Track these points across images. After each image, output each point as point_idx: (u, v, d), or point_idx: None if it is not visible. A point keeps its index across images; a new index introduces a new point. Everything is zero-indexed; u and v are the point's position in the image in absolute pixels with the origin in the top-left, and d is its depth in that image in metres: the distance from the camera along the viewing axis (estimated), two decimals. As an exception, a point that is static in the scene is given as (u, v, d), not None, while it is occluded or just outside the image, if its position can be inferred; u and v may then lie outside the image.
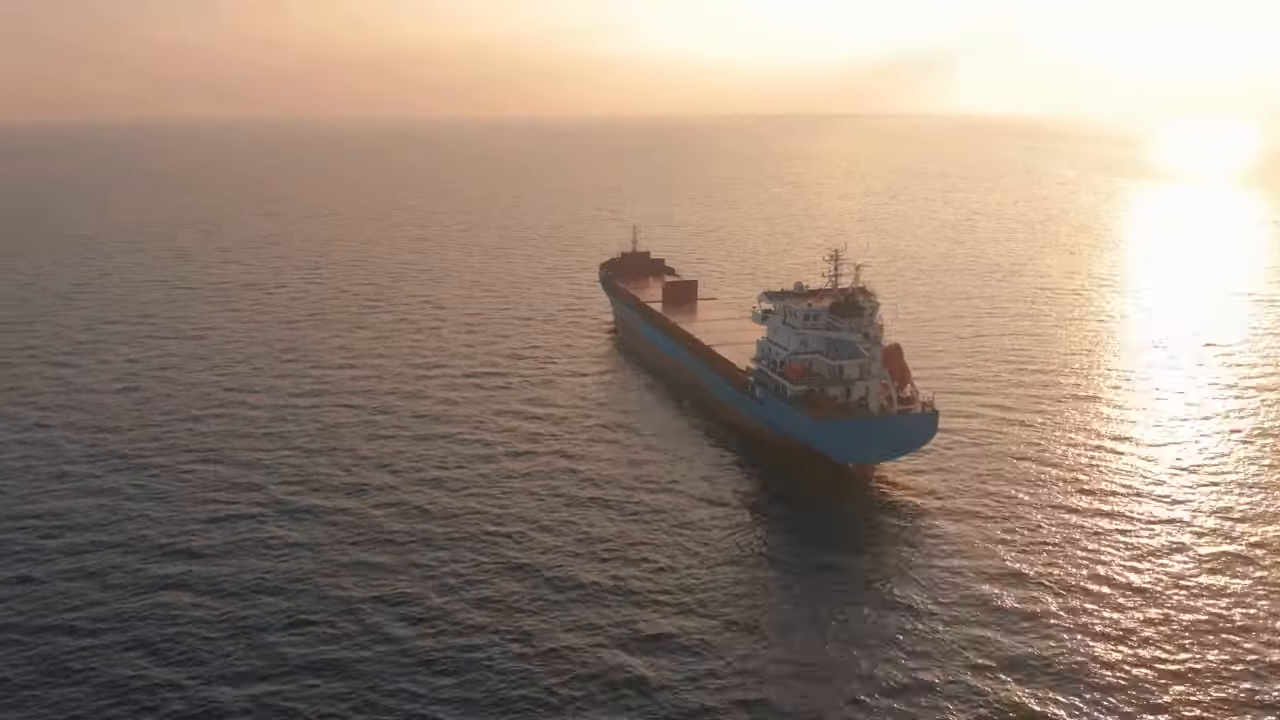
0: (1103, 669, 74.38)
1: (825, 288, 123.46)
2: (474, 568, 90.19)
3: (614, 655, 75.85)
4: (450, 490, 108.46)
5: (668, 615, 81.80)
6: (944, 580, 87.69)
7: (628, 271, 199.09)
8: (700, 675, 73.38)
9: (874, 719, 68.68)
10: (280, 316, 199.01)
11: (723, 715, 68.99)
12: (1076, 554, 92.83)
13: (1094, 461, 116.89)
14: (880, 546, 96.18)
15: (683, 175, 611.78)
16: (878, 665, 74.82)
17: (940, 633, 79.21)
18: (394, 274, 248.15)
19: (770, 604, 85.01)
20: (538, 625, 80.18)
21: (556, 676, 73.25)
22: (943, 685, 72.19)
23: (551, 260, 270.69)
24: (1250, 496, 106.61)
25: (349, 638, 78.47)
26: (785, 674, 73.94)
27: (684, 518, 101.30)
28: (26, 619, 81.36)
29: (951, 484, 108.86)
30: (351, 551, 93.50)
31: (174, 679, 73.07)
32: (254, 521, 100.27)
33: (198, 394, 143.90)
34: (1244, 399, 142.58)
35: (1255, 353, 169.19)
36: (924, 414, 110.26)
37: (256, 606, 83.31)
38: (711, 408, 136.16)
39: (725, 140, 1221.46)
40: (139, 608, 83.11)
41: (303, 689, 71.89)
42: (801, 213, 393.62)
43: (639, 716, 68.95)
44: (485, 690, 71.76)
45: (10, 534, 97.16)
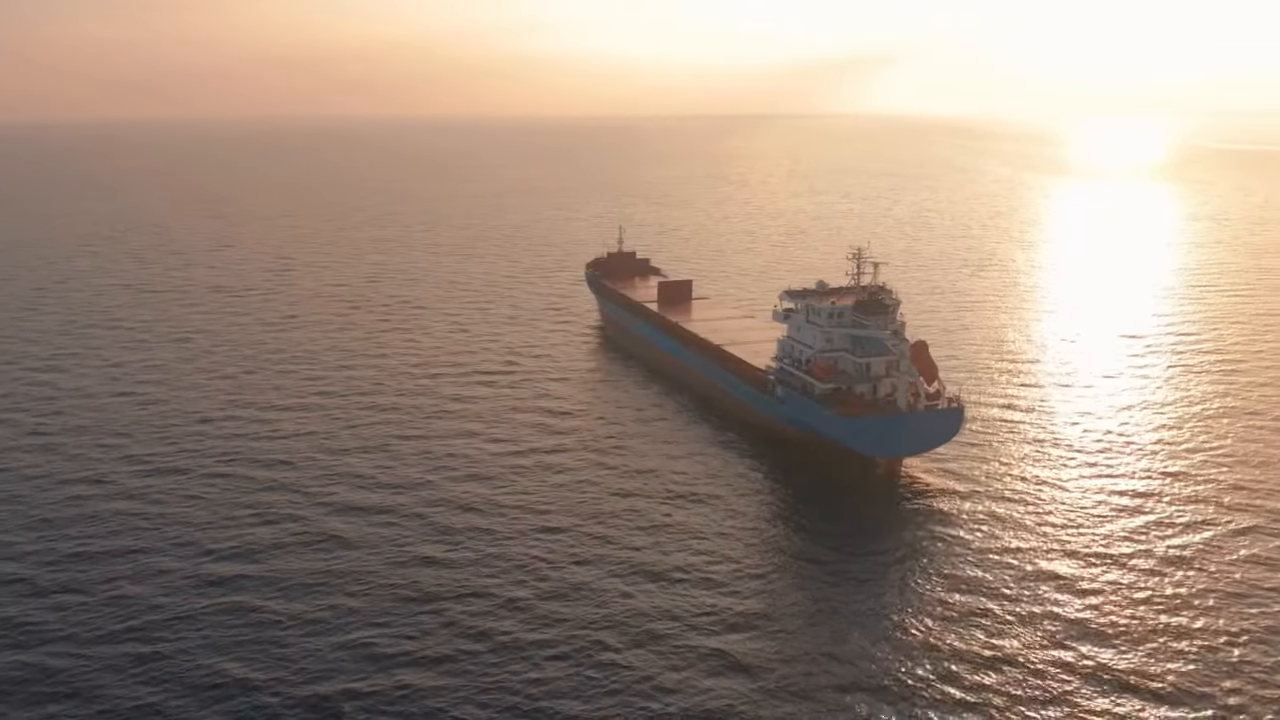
0: (1139, 654, 77.29)
1: (847, 285, 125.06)
2: (539, 561, 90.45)
3: (712, 640, 76.99)
4: (492, 486, 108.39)
5: (743, 599, 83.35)
6: (981, 568, 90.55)
7: (615, 271, 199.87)
8: (792, 658, 74.97)
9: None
10: (258, 319, 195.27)
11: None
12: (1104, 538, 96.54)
13: (1109, 447, 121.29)
14: (910, 537, 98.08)
15: (634, 175, 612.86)
16: (921, 655, 77.07)
17: (987, 620, 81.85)
18: (366, 275, 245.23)
19: (811, 595, 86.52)
20: (615, 615, 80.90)
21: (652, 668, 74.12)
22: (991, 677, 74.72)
23: (526, 261, 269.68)
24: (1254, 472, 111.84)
25: (431, 634, 78.21)
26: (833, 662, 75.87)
27: (726, 509, 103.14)
28: (92, 627, 79.39)
29: (974, 475, 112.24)
30: (411, 548, 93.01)
31: (272, 679, 72.19)
32: (300, 522, 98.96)
33: (199, 397, 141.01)
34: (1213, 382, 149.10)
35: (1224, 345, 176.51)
36: (951, 409, 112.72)
37: (331, 606, 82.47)
38: (725, 407, 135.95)
39: (668, 140, 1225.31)
40: (208, 610, 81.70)
41: (401, 685, 71.65)
42: (759, 212, 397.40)
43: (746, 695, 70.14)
44: (580, 680, 72.27)
45: (52, 542, 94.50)
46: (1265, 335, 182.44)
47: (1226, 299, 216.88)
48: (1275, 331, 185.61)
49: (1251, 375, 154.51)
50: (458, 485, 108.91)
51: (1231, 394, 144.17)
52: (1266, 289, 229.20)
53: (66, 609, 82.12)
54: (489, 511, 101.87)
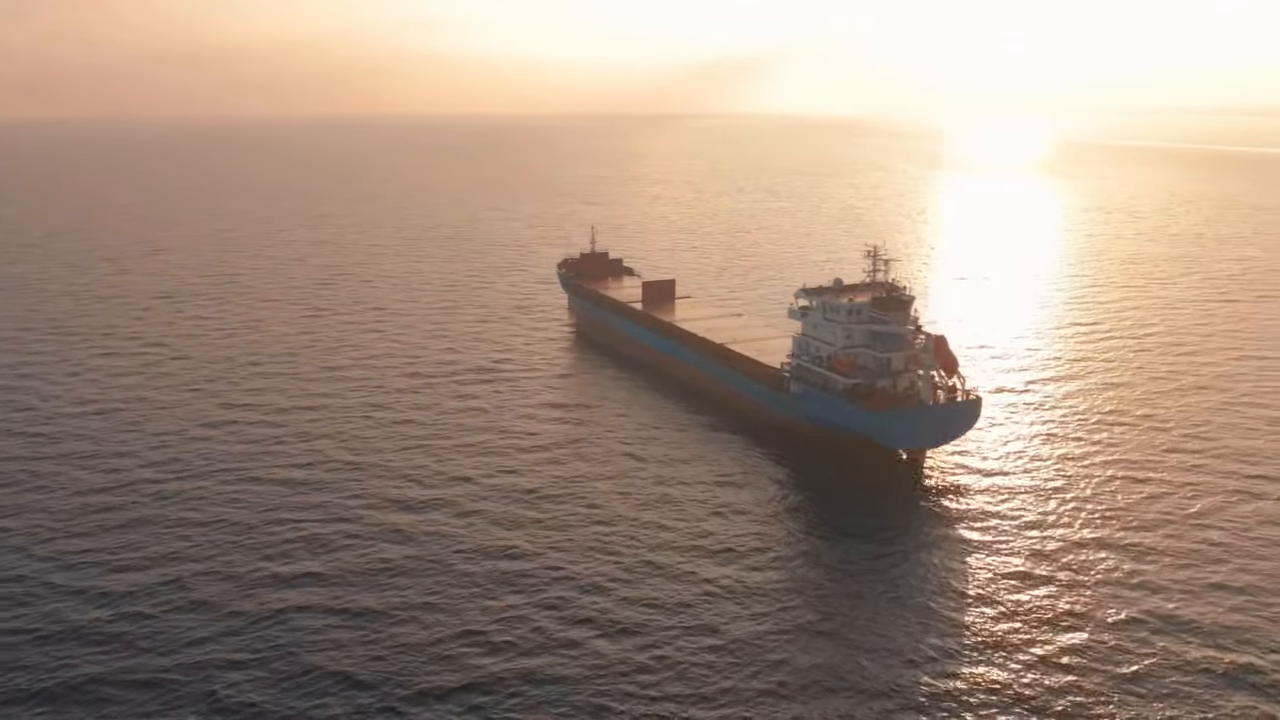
0: (1158, 639, 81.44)
1: (862, 282, 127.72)
2: (609, 565, 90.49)
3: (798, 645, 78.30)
4: (530, 491, 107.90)
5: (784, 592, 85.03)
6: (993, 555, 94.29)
7: (588, 272, 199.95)
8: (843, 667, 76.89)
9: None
10: (214, 326, 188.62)
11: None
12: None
13: (1117, 439, 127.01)
14: (941, 526, 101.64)
15: (555, 175, 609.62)
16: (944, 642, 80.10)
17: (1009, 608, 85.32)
18: (317, 279, 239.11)
19: (843, 588, 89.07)
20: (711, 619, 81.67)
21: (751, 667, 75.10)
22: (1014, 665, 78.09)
23: (478, 261, 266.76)
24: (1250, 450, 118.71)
25: (518, 645, 77.71)
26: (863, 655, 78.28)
27: (761, 502, 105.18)
28: (162, 654, 76.43)
29: (993, 465, 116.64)
30: (472, 559, 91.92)
31: (378, 697, 70.77)
32: (342, 536, 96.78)
33: (188, 411, 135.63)
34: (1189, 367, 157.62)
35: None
36: (970, 401, 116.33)
37: (411, 620, 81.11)
38: (733, 405, 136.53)
39: (573, 140, 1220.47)
40: (282, 632, 79.40)
41: (509, 695, 71.05)
42: (695, 211, 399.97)
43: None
44: (684, 681, 72.84)
45: (80, 568, 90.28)
46: (1220, 323, 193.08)
47: (1133, 289, 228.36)
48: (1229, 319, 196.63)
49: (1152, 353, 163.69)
50: (497, 481, 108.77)
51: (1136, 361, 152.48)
52: (1160, 278, 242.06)
53: (125, 636, 78.93)
54: (534, 504, 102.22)
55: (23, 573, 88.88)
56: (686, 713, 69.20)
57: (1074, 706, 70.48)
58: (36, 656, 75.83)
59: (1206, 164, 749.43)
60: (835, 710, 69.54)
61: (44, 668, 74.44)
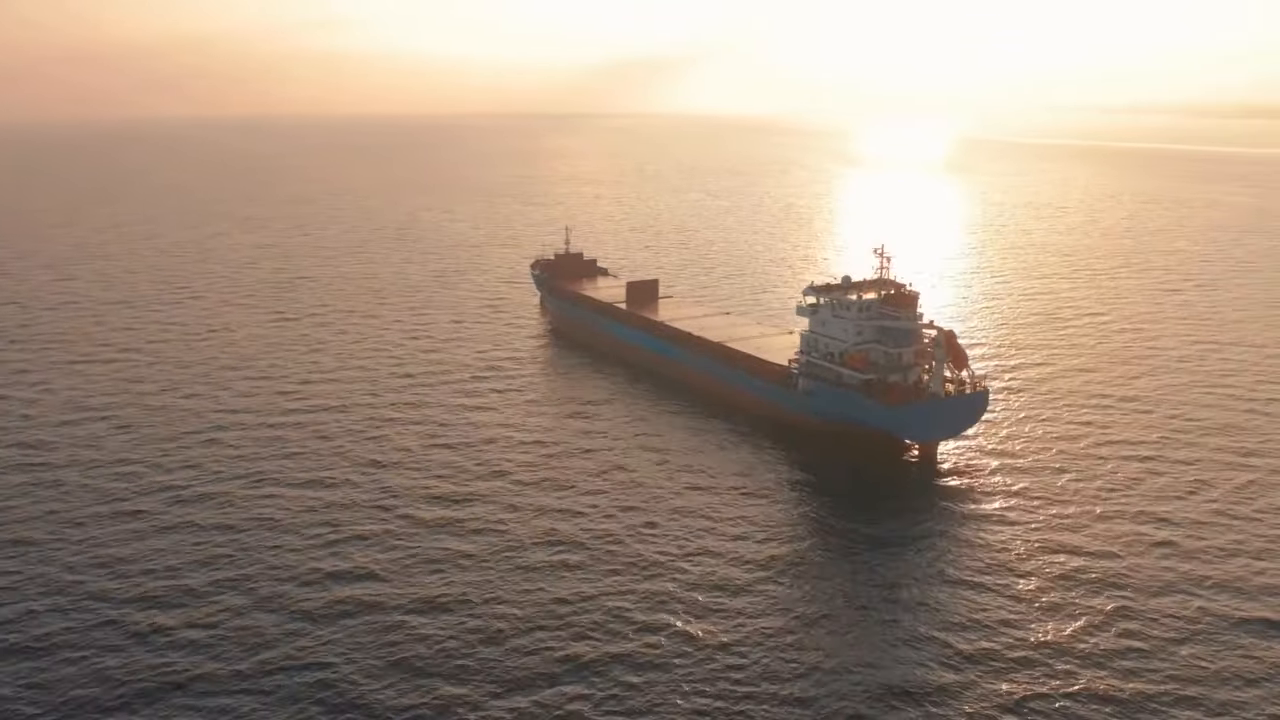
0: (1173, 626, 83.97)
1: (867, 279, 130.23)
2: (645, 555, 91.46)
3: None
4: (550, 491, 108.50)
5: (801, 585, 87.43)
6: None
7: (565, 272, 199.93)
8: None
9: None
10: (184, 332, 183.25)
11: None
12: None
13: (1109, 421, 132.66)
14: (961, 516, 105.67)
15: (477, 174, 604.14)
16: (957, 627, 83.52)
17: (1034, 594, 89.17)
18: (273, 283, 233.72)
19: (868, 579, 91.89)
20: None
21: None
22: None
23: (434, 263, 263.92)
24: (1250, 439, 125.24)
25: (589, 636, 78.37)
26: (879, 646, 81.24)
27: (780, 499, 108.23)
28: (243, 662, 75.25)
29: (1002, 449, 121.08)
30: (523, 555, 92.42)
31: (464, 694, 70.82)
32: (387, 536, 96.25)
33: (184, 417, 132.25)
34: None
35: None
36: (979, 393, 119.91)
37: (478, 615, 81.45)
38: (734, 403, 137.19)
39: (488, 139, 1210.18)
40: (355, 631, 78.62)
41: (594, 688, 71.82)
42: (639, 212, 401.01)
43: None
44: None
45: (136, 579, 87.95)
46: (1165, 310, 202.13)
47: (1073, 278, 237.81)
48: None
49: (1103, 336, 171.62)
50: (519, 488, 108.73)
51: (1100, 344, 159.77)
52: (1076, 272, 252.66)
53: (207, 645, 77.12)
54: (571, 497, 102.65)
55: (67, 585, 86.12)
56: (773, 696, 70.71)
57: (1130, 694, 73.81)
58: (113, 670, 73.90)
59: (1116, 161, 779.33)
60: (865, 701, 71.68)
61: (118, 680, 72.62)
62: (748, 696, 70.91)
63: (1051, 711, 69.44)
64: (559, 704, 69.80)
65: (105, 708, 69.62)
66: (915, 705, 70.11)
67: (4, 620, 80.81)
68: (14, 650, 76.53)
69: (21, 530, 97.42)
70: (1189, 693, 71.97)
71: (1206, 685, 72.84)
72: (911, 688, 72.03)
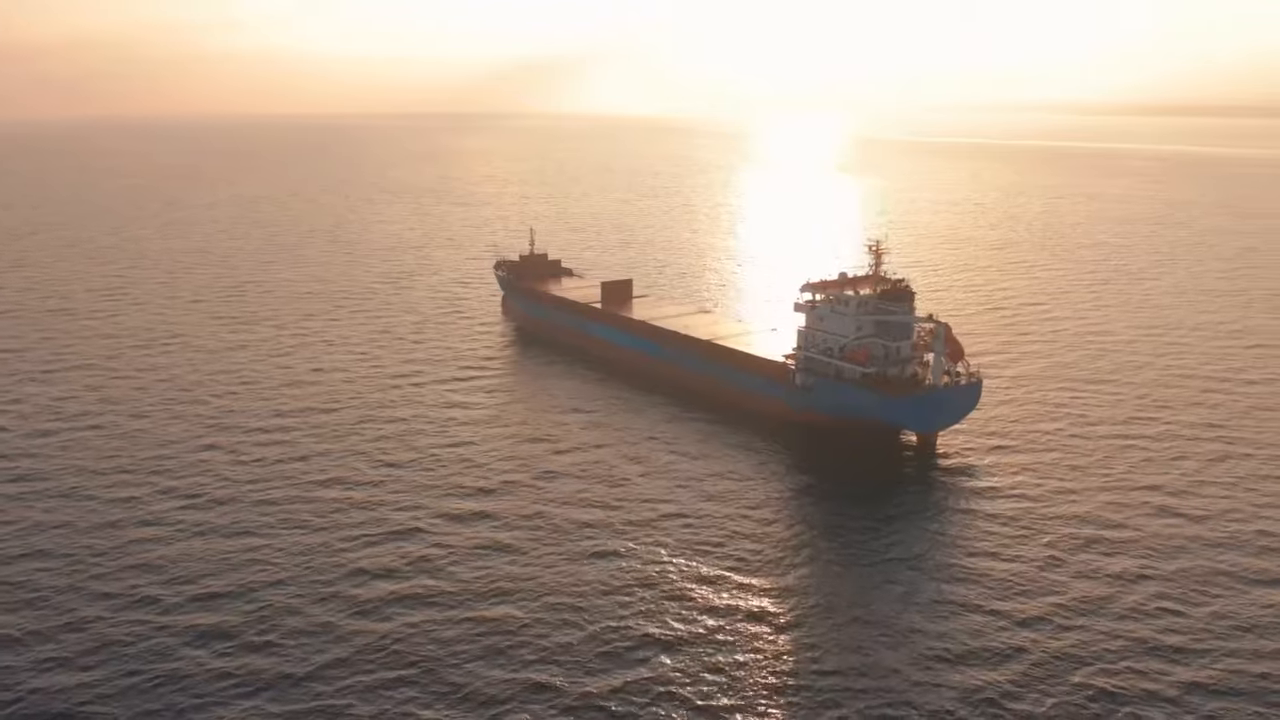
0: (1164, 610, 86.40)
1: (861, 275, 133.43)
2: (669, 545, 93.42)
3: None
4: (557, 492, 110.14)
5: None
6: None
7: (531, 273, 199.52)
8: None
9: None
10: (130, 342, 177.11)
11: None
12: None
13: (1085, 408, 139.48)
14: (964, 500, 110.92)
15: (398, 175, 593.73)
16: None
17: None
18: (220, 290, 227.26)
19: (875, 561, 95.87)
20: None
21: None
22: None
23: (381, 267, 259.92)
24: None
25: (655, 620, 79.93)
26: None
27: (788, 492, 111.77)
28: (318, 665, 74.98)
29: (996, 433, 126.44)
30: (564, 548, 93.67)
31: (550, 681, 72.14)
32: (424, 534, 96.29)
33: (172, 430, 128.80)
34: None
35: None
36: (974, 383, 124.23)
37: (540, 602, 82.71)
38: (727, 400, 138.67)
39: (400, 140, 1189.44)
40: (428, 624, 78.97)
41: (673, 673, 73.65)
42: (574, 212, 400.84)
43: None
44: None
45: (178, 585, 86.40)
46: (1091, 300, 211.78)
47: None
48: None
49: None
50: (535, 487, 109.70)
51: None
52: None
53: (278, 646, 76.46)
54: (599, 505, 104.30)
55: (94, 610, 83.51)
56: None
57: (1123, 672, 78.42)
58: (190, 673, 72.73)
59: (1008, 157, 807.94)
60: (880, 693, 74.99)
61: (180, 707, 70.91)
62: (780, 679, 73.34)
63: (1109, 663, 73.66)
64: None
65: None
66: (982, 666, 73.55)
67: (73, 627, 78.69)
68: (96, 661, 74.28)
69: (48, 542, 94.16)
70: (1229, 644, 77.05)
71: (1238, 638, 78.14)
72: (957, 648, 75.92)
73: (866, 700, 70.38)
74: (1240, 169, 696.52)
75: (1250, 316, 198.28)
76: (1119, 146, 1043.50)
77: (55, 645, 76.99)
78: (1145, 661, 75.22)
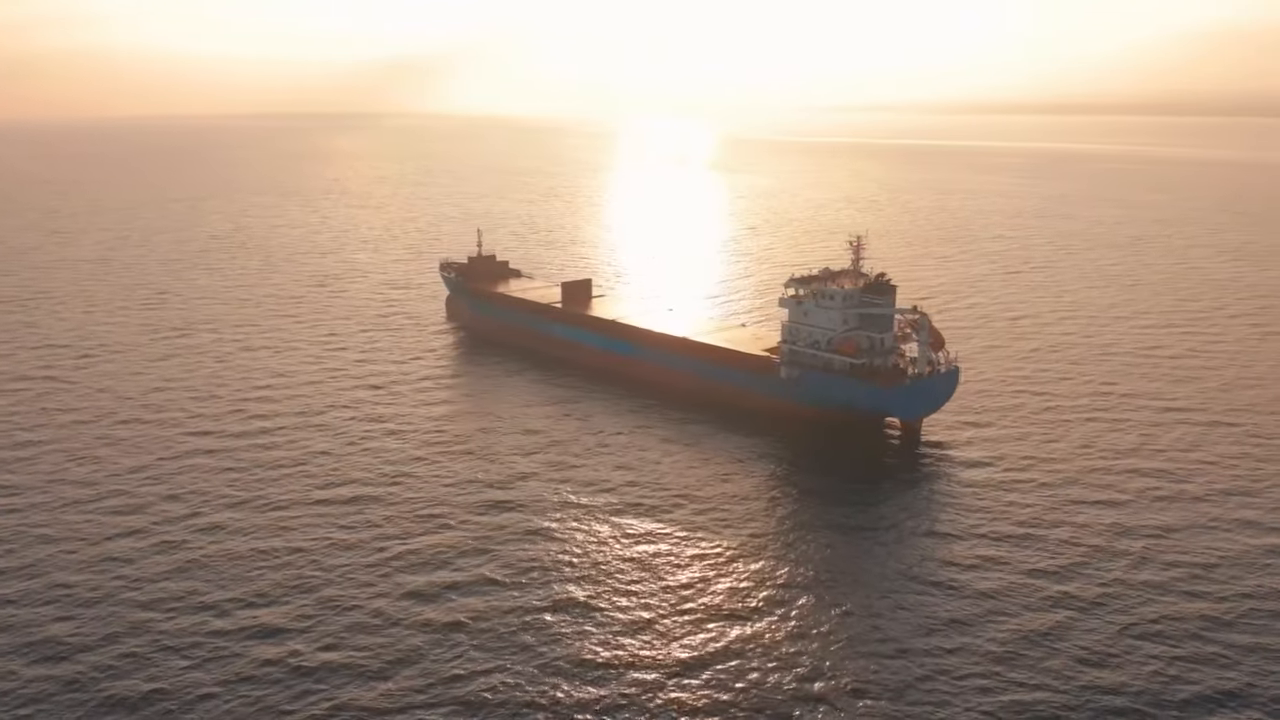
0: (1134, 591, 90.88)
1: (843, 270, 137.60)
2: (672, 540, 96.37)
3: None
4: (575, 484, 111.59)
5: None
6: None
7: (480, 275, 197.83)
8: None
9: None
10: (72, 354, 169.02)
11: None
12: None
13: (1038, 388, 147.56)
14: (953, 482, 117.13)
15: (284, 178, 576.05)
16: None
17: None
18: (138, 300, 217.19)
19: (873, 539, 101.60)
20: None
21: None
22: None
23: (303, 270, 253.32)
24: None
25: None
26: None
27: (785, 485, 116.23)
28: (392, 678, 74.29)
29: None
30: (602, 555, 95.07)
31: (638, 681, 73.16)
32: (456, 543, 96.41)
33: (149, 443, 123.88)
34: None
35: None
36: (953, 370, 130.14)
37: (596, 608, 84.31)
38: (708, 394, 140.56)
39: (276, 140, 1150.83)
40: (491, 634, 79.65)
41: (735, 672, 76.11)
42: (482, 213, 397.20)
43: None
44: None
45: (218, 595, 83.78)
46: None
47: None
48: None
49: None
50: (547, 488, 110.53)
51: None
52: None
53: (348, 665, 75.47)
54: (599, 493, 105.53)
55: (140, 624, 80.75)
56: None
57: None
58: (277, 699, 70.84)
59: (884, 156, 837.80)
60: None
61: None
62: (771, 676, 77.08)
63: (1137, 631, 79.78)
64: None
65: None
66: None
67: (141, 654, 75.53)
68: (159, 693, 71.61)
69: (69, 574, 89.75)
70: (1244, 607, 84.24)
71: (1249, 600, 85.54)
72: (969, 620, 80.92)
73: (871, 677, 74.25)
74: (1108, 164, 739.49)
75: (1144, 299, 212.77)
76: (990, 144, 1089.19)
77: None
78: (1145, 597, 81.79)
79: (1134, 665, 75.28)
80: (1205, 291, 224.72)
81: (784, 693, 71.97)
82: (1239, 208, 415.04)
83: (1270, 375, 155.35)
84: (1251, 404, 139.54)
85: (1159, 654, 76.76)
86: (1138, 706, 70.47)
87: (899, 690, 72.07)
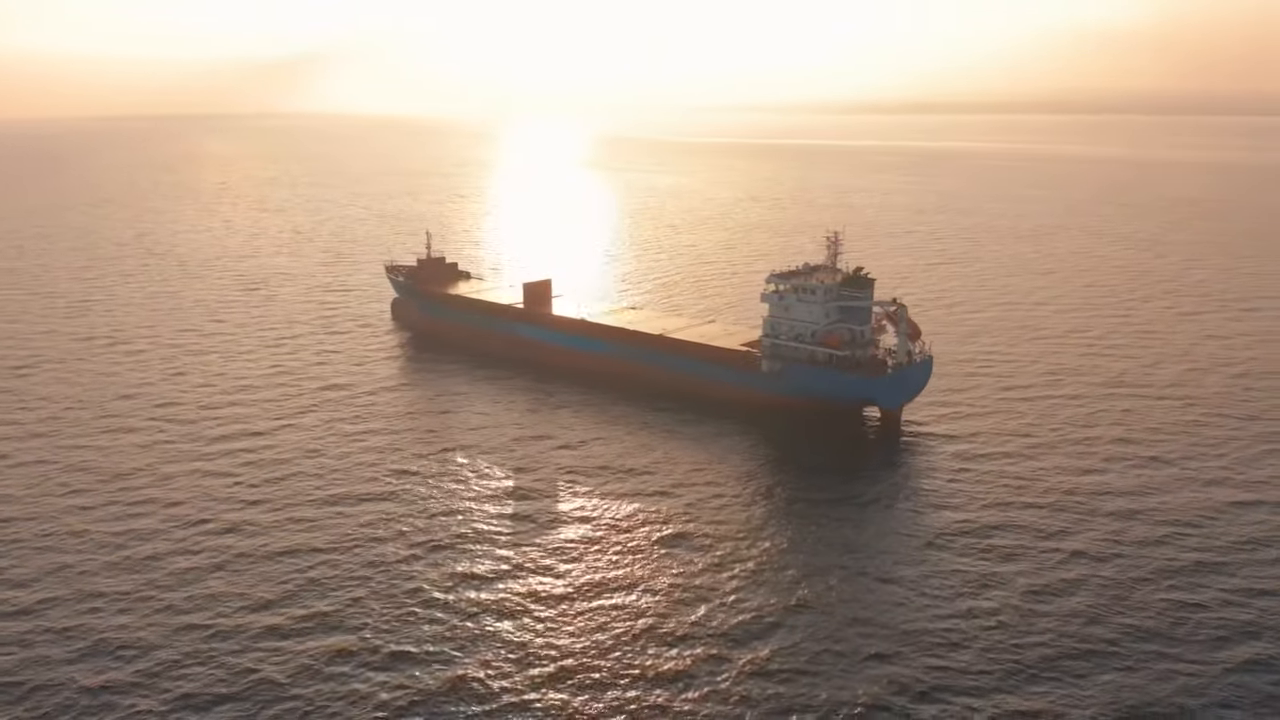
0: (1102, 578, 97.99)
1: (821, 265, 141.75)
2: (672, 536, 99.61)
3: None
4: (580, 489, 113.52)
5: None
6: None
7: (431, 277, 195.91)
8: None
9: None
10: (15, 364, 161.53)
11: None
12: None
13: (999, 375, 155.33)
14: (935, 469, 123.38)
15: (172, 180, 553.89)
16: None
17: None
18: (62, 310, 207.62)
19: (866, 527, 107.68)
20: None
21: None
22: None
23: (228, 276, 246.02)
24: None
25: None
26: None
27: (774, 476, 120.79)
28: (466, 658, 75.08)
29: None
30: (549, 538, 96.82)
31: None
32: (474, 540, 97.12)
33: (139, 457, 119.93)
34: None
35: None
36: (928, 359, 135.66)
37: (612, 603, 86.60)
38: (685, 389, 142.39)
39: (149, 143, 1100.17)
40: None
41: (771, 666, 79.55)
42: (392, 215, 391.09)
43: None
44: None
45: (270, 604, 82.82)
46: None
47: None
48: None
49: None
50: (550, 489, 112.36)
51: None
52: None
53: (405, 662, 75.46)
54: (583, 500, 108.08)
55: (178, 633, 79.19)
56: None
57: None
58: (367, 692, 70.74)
59: (770, 156, 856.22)
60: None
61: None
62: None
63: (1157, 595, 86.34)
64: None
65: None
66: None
67: (184, 661, 74.11)
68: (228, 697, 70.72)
69: (94, 586, 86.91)
70: (1248, 556, 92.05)
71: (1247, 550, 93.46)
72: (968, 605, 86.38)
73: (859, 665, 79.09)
74: (990, 161, 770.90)
75: (1059, 285, 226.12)
76: (877, 144, 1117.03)
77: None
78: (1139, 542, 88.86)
79: (1140, 611, 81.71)
80: (1110, 277, 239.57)
81: (778, 681, 75.60)
82: (1121, 200, 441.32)
83: (1194, 350, 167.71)
84: (1182, 379, 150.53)
85: (1166, 599, 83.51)
86: (1157, 649, 76.66)
87: (904, 642, 76.77)
